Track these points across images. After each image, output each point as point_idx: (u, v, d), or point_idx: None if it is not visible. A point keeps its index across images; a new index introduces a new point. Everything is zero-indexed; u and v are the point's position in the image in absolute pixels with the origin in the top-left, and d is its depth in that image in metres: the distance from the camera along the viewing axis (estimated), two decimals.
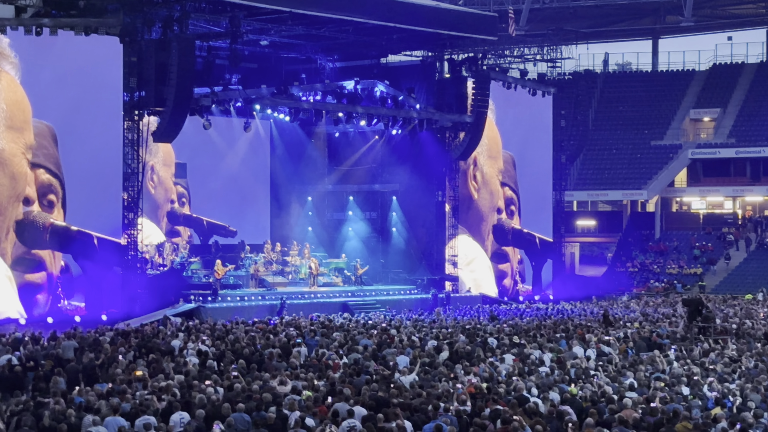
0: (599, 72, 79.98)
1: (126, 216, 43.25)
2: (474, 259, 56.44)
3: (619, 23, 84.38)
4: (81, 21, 41.87)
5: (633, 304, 52.12)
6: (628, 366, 26.24)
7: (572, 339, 31.41)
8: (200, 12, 44.52)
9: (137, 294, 42.79)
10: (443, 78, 55.69)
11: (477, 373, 24.57)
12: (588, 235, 73.20)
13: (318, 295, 48.57)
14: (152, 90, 42.67)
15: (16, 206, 40.81)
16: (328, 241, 56.93)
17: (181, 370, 24.53)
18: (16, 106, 40.71)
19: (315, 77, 54.12)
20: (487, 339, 31.25)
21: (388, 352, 28.26)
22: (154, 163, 50.65)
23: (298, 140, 55.93)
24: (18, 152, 40.72)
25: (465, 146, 54.02)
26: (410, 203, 55.78)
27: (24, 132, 40.91)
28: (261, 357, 27.22)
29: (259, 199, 56.12)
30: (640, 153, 73.24)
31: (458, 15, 54.43)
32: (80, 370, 25.63)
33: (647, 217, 72.76)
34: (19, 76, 40.79)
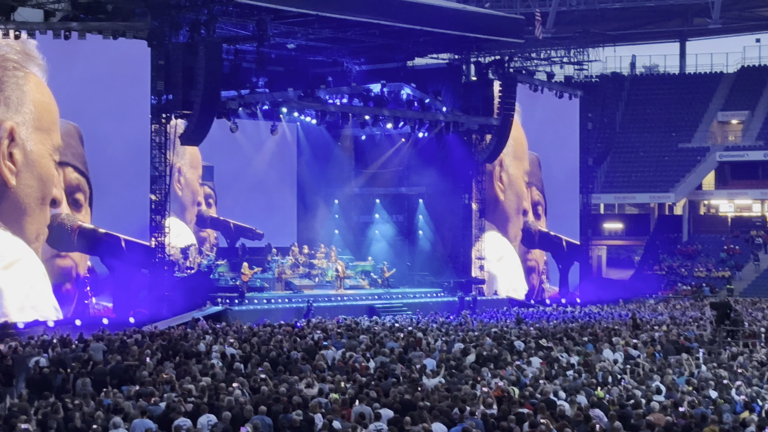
0: (626, 74, 79.72)
1: (153, 218, 43.41)
2: (504, 256, 56.40)
3: (647, 25, 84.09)
4: (109, 25, 42.06)
5: (660, 308, 51.92)
6: (655, 369, 26.13)
7: (599, 342, 31.32)
8: (227, 15, 44.64)
9: (165, 296, 42.93)
10: (470, 81, 55.66)
11: (504, 377, 24.54)
12: (615, 238, 72.90)
13: (344, 297, 48.62)
14: (180, 93, 42.84)
15: (44, 208, 41.04)
16: (354, 244, 56.99)
17: (208, 373, 24.59)
18: (43, 108, 40.94)
19: (341, 80, 54.18)
20: (513, 342, 31.19)
21: (414, 355, 28.26)
22: (182, 166, 50.83)
23: (324, 143, 56.02)
24: (46, 154, 40.94)
25: (491, 149, 53.96)
26: (437, 206, 55.77)
27: (51, 134, 41.13)
28: (288, 359, 27.26)
29: (286, 201, 56.20)
30: (667, 156, 72.94)
31: (485, 18, 54.38)
32: (108, 372, 25.75)
33: (675, 220, 72.43)
34: (47, 78, 41.01)
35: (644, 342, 31.83)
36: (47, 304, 40.88)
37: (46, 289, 41.02)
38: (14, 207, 40.33)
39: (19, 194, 40.39)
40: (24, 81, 40.52)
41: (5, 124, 40.00)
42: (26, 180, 40.53)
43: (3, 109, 39.98)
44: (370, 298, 49.34)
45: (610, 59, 78.02)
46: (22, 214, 40.50)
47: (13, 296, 40.10)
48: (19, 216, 40.42)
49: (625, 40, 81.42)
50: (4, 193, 40.11)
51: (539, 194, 58.25)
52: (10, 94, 40.14)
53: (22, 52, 40.36)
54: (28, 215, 40.65)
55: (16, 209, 40.36)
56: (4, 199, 40.12)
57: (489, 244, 55.42)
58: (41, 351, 29.09)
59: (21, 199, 40.44)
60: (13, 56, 40.19)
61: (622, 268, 69.78)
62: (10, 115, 40.09)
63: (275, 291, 48.44)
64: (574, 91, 59.82)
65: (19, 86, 40.39)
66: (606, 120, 63.74)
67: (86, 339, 31.38)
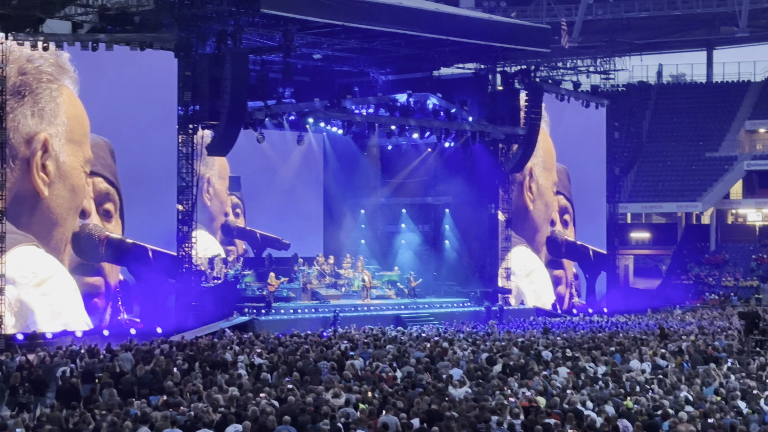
0: (653, 83, 79.54)
1: (180, 229, 43.53)
2: (533, 271, 56.30)
3: (673, 34, 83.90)
4: (136, 36, 42.25)
5: (688, 317, 51.69)
6: (683, 380, 26.02)
7: (627, 352, 31.21)
8: (254, 26, 44.79)
9: (192, 306, 43.05)
10: (496, 90, 55.56)
11: (531, 387, 24.49)
12: (642, 248, 72.70)
13: (371, 307, 48.62)
14: (206, 104, 42.98)
15: (74, 218, 41.30)
16: (380, 254, 56.98)
17: (235, 383, 24.64)
18: (75, 120, 41.22)
19: (368, 90, 54.23)
20: (540, 352, 31.12)
21: (441, 365, 28.23)
22: (210, 176, 51.01)
23: (350, 153, 56.07)
24: (77, 165, 41.22)
25: (518, 159, 53.89)
26: (463, 216, 55.72)
27: (83, 145, 41.42)
28: (314, 369, 27.28)
29: (313, 211, 56.27)
30: (694, 165, 72.70)
31: (511, 27, 54.34)
32: (135, 382, 25.84)
33: (702, 230, 72.16)
34: (78, 90, 41.27)
35: (672, 352, 31.69)
36: (79, 320, 41.05)
37: (77, 305, 41.22)
38: (46, 218, 40.62)
39: (52, 205, 40.68)
40: (57, 93, 40.81)
41: (39, 135, 40.30)
42: (58, 191, 40.80)
43: (37, 120, 40.28)
44: (397, 308, 49.34)
45: (637, 68, 78.11)
46: (53, 225, 40.77)
47: (45, 314, 40.30)
48: (50, 227, 40.69)
49: (652, 49, 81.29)
50: (36, 204, 40.39)
51: (567, 201, 58.11)
52: (44, 106, 40.46)
53: (56, 64, 40.64)
54: (60, 226, 40.90)
55: (47, 220, 40.64)
56: (36, 210, 40.41)
57: (518, 259, 55.28)
58: (69, 361, 29.23)
59: (53, 210, 40.73)
60: (47, 68, 40.49)
61: (649, 278, 69.59)
62: (44, 127, 40.39)
63: (302, 301, 48.50)
64: (601, 101, 59.70)
65: (53, 98, 40.69)
66: (633, 129, 63.65)
67: (114, 349, 31.50)
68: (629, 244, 71.14)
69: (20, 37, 39.53)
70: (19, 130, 39.82)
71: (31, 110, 40.14)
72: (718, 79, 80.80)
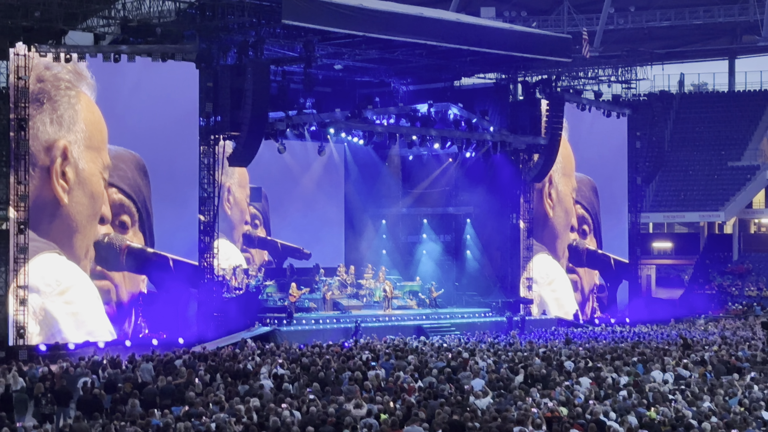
0: (675, 93, 79.32)
1: (202, 239, 43.62)
2: (555, 279, 56.18)
3: (695, 43, 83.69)
4: (158, 47, 42.39)
5: (711, 327, 51.45)
6: (706, 390, 25.90)
7: (649, 362, 31.09)
8: (275, 37, 44.88)
9: (214, 317, 43.10)
10: (517, 100, 55.53)
11: (553, 397, 24.42)
12: (664, 258, 72.42)
13: (392, 318, 48.59)
14: (228, 115, 43.07)
15: (94, 225, 41.47)
16: (402, 264, 56.94)
17: (256, 393, 24.66)
18: (94, 127, 41.38)
19: (389, 100, 54.26)
20: (563, 362, 31.03)
21: (462, 376, 28.19)
22: (231, 185, 51.10)
23: (372, 163, 56.12)
24: (96, 171, 41.39)
25: (539, 168, 53.82)
26: (484, 226, 55.67)
27: (101, 152, 41.58)
28: (336, 380, 27.27)
29: (334, 222, 56.30)
30: (716, 174, 72.43)
31: (532, 37, 54.27)
32: (157, 393, 25.89)
33: (725, 239, 71.87)
34: (95, 96, 41.43)
35: (695, 362, 31.56)
36: (103, 328, 41.21)
37: (100, 314, 41.38)
38: (66, 225, 40.79)
39: (71, 212, 40.85)
40: (76, 100, 40.99)
41: (59, 142, 40.50)
42: (78, 198, 40.98)
43: (56, 127, 40.47)
44: (418, 318, 49.28)
45: (659, 77, 78.02)
46: (73, 232, 40.94)
47: (68, 322, 40.45)
48: (70, 234, 40.86)
49: (674, 58, 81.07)
50: (56, 211, 40.56)
51: (585, 211, 57.96)
52: (63, 113, 40.64)
53: (74, 71, 40.81)
54: (79, 233, 41.06)
55: (68, 227, 40.81)
56: (56, 217, 40.56)
57: (539, 267, 55.18)
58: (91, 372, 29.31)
59: (73, 217, 40.90)
60: (65, 76, 40.67)
61: (671, 288, 69.29)
62: (63, 134, 40.58)
63: (323, 311, 48.50)
64: (622, 110, 59.54)
65: (71, 105, 40.87)
66: (654, 138, 63.41)
67: (136, 360, 31.57)
68: (651, 254, 70.88)
69: (43, 49, 39.72)
70: (38, 138, 40.01)
71: (50, 117, 40.35)
72: (740, 88, 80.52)
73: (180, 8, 42.89)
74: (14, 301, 39.06)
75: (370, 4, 48.73)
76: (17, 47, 39.40)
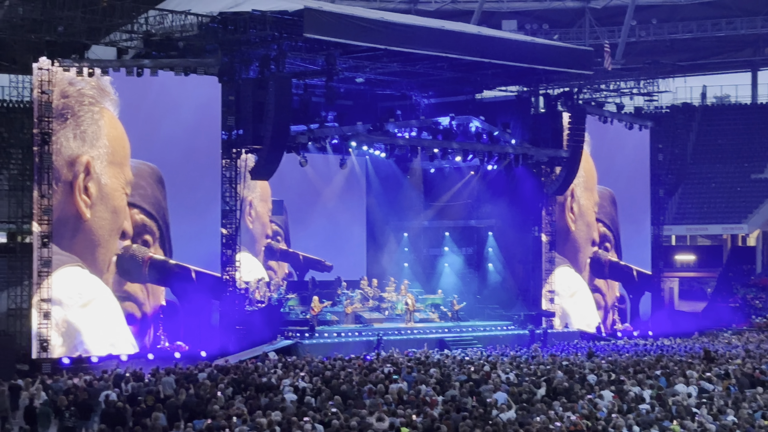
0: (697, 105, 79.08)
1: (224, 253, 43.69)
2: (576, 292, 56.05)
3: (717, 56, 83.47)
4: (180, 61, 42.57)
5: (735, 340, 51.23)
6: (730, 404, 25.77)
7: (673, 375, 30.97)
8: (297, 51, 45.00)
9: (236, 330, 43.15)
10: (538, 113, 55.44)
11: (576, 410, 24.34)
12: (687, 270, 72.11)
13: (414, 331, 48.55)
14: (250, 128, 43.18)
15: (116, 240, 41.65)
16: (424, 277, 56.90)
17: (279, 407, 24.66)
18: (117, 143, 41.60)
19: (410, 113, 54.29)
20: (585, 375, 30.94)
21: (485, 389, 28.14)
22: (252, 199, 51.20)
23: (393, 176, 56.16)
24: (119, 187, 41.59)
25: (561, 181, 53.74)
26: (506, 238, 55.60)
27: (124, 167, 41.78)
28: (358, 393, 27.26)
29: (356, 235, 56.34)
30: (739, 186, 72.12)
31: (554, 50, 54.22)
32: (180, 406, 25.93)
33: (748, 252, 71.52)
34: (118, 112, 41.62)
35: (719, 375, 31.42)
36: (125, 341, 41.36)
37: (122, 327, 41.51)
38: (88, 239, 40.97)
39: (93, 227, 41.03)
40: (99, 116, 41.20)
41: (82, 158, 40.70)
42: (100, 213, 41.16)
43: (79, 143, 40.67)
44: (440, 331, 49.24)
45: (681, 90, 77.53)
46: (95, 246, 41.11)
47: (92, 334, 40.60)
48: (92, 248, 41.03)
49: (696, 70, 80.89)
50: (79, 225, 40.75)
51: (606, 229, 57.82)
52: (86, 129, 40.86)
53: (97, 87, 41.04)
54: (101, 247, 41.23)
55: (90, 241, 41.00)
56: (79, 232, 40.75)
57: (561, 279, 55.08)
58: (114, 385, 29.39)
59: (95, 231, 41.08)
60: (88, 91, 40.89)
61: (694, 301, 69.00)
62: (86, 149, 40.78)
63: (345, 324, 48.50)
64: (645, 122, 59.41)
65: (94, 121, 41.08)
66: (677, 151, 63.34)
67: (159, 373, 31.63)
68: (674, 267, 70.60)
69: (66, 63, 39.96)
70: (61, 153, 40.23)
71: (74, 133, 40.56)
72: (762, 100, 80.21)
73: (202, 22, 43.04)
74: (37, 315, 39.22)
75: (392, 18, 48.93)
76: (40, 62, 39.66)
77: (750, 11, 76.93)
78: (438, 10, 77.32)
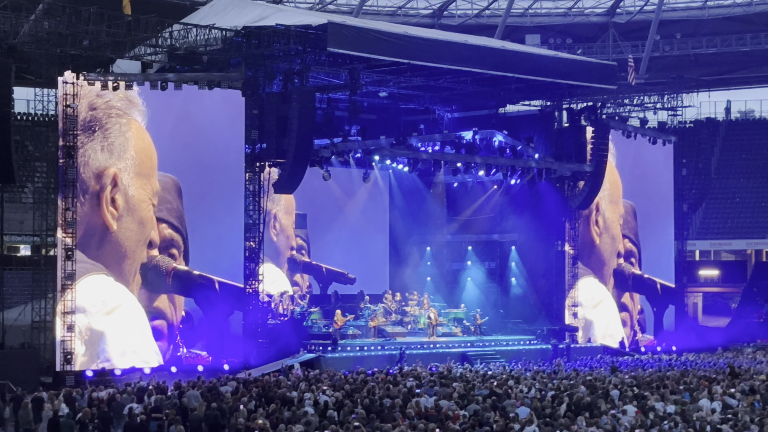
0: (721, 120, 78.87)
1: (248, 266, 43.75)
2: (601, 302, 55.89)
3: (741, 70, 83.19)
4: (204, 75, 42.72)
5: (759, 356, 50.96)
6: (755, 419, 25.62)
7: (696, 391, 30.82)
8: (320, 65, 45.08)
9: (259, 343, 43.21)
10: (562, 127, 55.41)
11: (599, 426, 24.25)
12: (711, 285, 71.87)
13: (437, 345, 48.49)
14: (273, 142, 43.30)
15: (143, 250, 41.81)
16: (446, 291, 56.85)
17: (301, 420, 24.66)
18: (144, 154, 41.79)
19: (433, 128, 54.36)
20: (609, 390, 30.82)
21: (507, 403, 28.07)
22: (277, 212, 51.30)
23: (416, 190, 56.15)
24: (146, 198, 41.75)
25: (584, 196, 53.63)
26: (529, 253, 55.51)
27: (151, 178, 41.97)
28: (381, 407, 27.24)
29: (378, 249, 56.32)
30: (764, 201, 71.88)
31: (577, 64, 54.20)
32: (203, 419, 25.96)
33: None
34: (146, 123, 41.82)
35: (743, 391, 31.24)
36: (148, 349, 41.50)
37: (146, 334, 41.67)
38: (115, 250, 41.14)
39: (120, 238, 41.21)
40: (127, 128, 41.42)
41: (109, 170, 40.90)
42: (127, 224, 41.34)
43: (107, 155, 40.88)
44: (463, 345, 49.15)
45: (705, 104, 77.45)
46: (122, 257, 41.29)
47: (116, 342, 40.76)
48: (119, 259, 41.22)
49: (720, 85, 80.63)
50: (105, 236, 40.93)
51: (632, 245, 57.66)
52: (113, 141, 41.08)
53: (125, 98, 41.27)
54: (128, 258, 41.41)
55: (117, 252, 41.17)
56: (105, 242, 40.92)
57: (585, 289, 54.96)
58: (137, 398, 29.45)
59: (122, 243, 41.26)
60: (116, 103, 41.11)
61: (718, 316, 68.75)
62: (113, 162, 40.99)
63: (368, 338, 48.47)
64: (668, 137, 59.26)
65: (122, 133, 41.30)
66: (701, 166, 63.05)
67: (182, 386, 31.69)
68: (698, 282, 70.36)
69: (91, 77, 40.18)
70: (89, 165, 40.44)
71: (101, 145, 40.77)
72: None
73: (226, 36, 43.20)
74: (61, 327, 39.35)
75: (415, 32, 48.98)
76: (66, 75, 39.88)
77: None
78: (461, 24, 77.42)
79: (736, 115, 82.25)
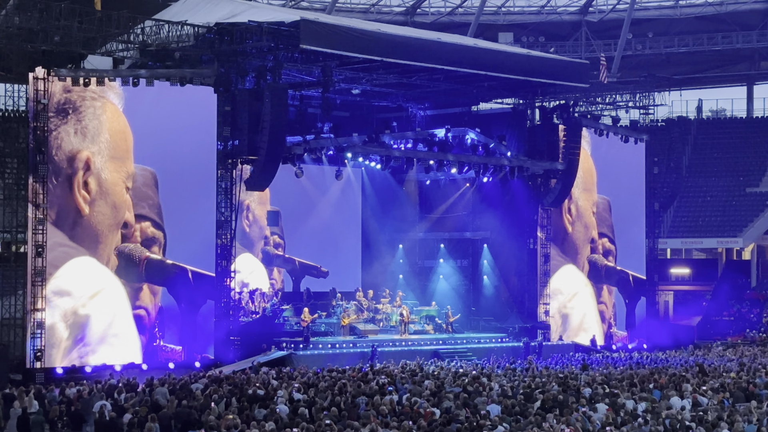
0: (693, 118, 79.17)
1: (219, 263, 43.64)
2: (577, 294, 55.96)
3: (713, 69, 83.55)
4: (176, 72, 42.58)
5: (729, 354, 51.20)
6: (724, 417, 25.73)
7: (666, 389, 30.94)
8: (293, 62, 45.04)
9: (230, 340, 43.13)
10: (534, 125, 55.52)
11: (570, 423, 24.30)
12: (682, 283, 72.12)
13: (409, 342, 48.52)
14: (245, 139, 43.18)
15: (116, 233, 41.68)
16: (419, 289, 56.90)
17: (272, 418, 24.61)
18: (119, 136, 41.61)
19: (406, 125, 54.36)
20: (580, 388, 30.90)
21: (479, 401, 28.09)
22: (250, 202, 51.18)
23: (389, 188, 56.15)
24: (119, 181, 41.60)
25: (557, 193, 53.75)
26: (501, 250, 55.61)
27: (125, 161, 41.79)
28: (352, 405, 27.21)
29: (351, 246, 56.30)
30: (735, 200, 72.17)
31: (550, 62, 54.29)
32: (173, 416, 25.87)
33: (743, 266, 71.52)
34: (122, 105, 41.63)
35: (713, 389, 31.38)
36: (130, 332, 41.48)
37: (128, 320, 41.68)
38: (88, 233, 40.98)
39: (92, 221, 41.07)
40: (101, 111, 41.25)
41: (81, 154, 40.73)
42: (100, 207, 41.20)
43: (80, 138, 40.70)
44: (435, 343, 49.21)
45: (677, 103, 77.71)
46: (95, 241, 41.15)
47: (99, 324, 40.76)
48: (92, 242, 41.08)
49: (692, 84, 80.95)
50: (77, 220, 40.79)
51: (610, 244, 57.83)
52: (87, 124, 40.91)
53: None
54: (101, 242, 41.29)
55: (89, 236, 41.01)
56: (77, 226, 40.77)
57: (564, 279, 55.06)
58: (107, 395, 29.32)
59: (94, 226, 41.11)
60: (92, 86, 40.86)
61: (689, 314, 69.01)
62: (86, 145, 40.82)
63: (339, 336, 48.46)
64: (640, 136, 59.44)
65: (96, 116, 41.13)
66: (672, 164, 63.26)
67: (152, 383, 31.58)
68: (669, 280, 70.61)
69: (62, 73, 39.98)
70: (62, 148, 40.27)
71: (75, 128, 40.61)
72: (758, 114, 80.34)
73: (199, 33, 43.06)
74: (31, 324, 39.14)
75: (388, 29, 48.96)
76: (36, 71, 39.67)
77: (746, 25, 77.09)
78: (435, 22, 77.45)
79: (708, 114, 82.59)
